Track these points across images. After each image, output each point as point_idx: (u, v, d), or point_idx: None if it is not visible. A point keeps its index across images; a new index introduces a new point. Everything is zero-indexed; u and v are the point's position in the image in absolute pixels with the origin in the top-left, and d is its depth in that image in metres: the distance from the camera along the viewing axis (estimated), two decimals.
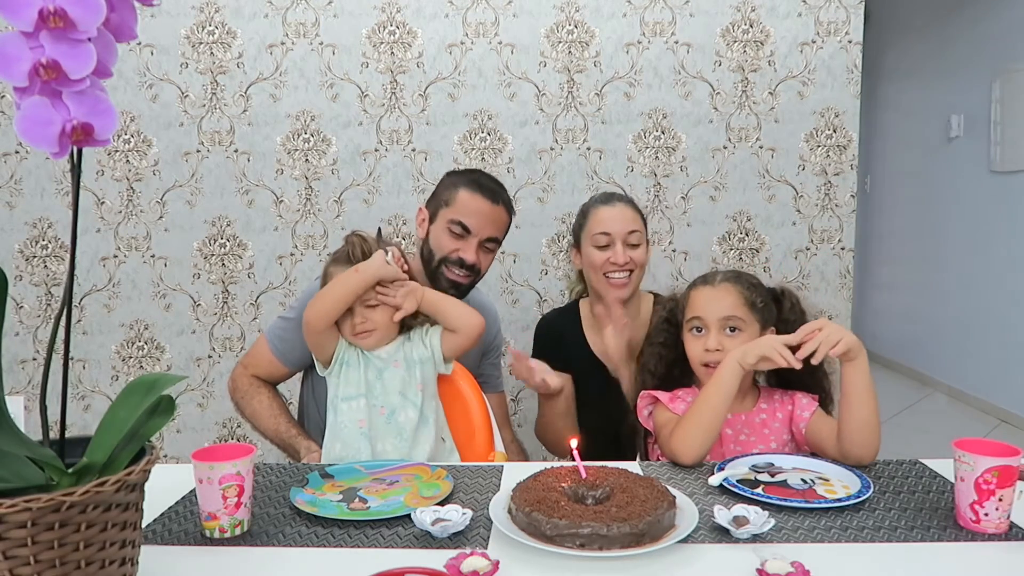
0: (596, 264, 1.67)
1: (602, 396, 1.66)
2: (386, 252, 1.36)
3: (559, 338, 1.73)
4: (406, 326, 1.43)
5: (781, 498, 1.03)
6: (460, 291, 1.62)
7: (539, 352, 1.78)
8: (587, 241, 1.69)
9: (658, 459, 1.35)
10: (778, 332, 1.33)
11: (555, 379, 1.58)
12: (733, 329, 1.30)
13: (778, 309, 1.38)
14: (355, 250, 1.41)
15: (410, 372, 1.39)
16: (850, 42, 2.31)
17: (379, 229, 1.47)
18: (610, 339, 1.66)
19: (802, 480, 1.12)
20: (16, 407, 0.88)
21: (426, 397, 1.39)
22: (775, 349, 1.18)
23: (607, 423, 1.63)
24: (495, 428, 1.53)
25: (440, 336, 1.41)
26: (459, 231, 1.58)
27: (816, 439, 1.26)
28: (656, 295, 1.82)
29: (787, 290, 1.41)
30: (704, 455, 1.21)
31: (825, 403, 1.33)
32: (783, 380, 1.38)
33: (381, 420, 1.36)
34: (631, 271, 1.66)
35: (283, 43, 2.31)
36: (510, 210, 1.66)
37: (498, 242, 1.66)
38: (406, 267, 1.41)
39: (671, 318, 1.42)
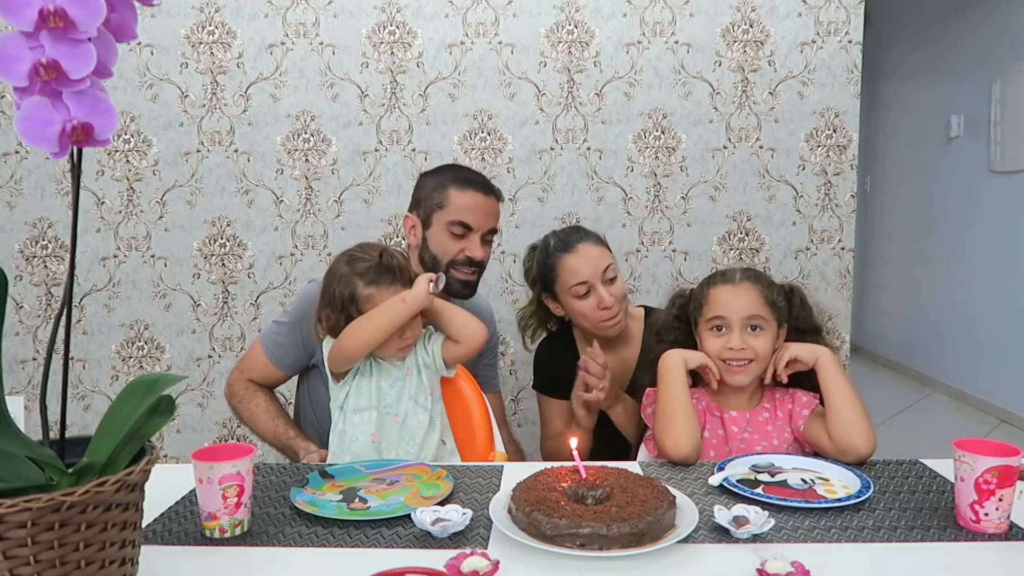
0: (586, 314, 1.61)
1: (603, 416, 1.65)
2: (430, 284, 1.32)
3: (558, 364, 1.68)
4: None
5: (781, 498, 1.03)
6: (472, 289, 1.62)
7: (542, 378, 1.76)
8: (565, 294, 1.63)
9: (658, 456, 1.35)
10: (788, 330, 1.36)
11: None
12: (755, 328, 1.31)
13: (788, 307, 1.38)
14: (394, 264, 1.35)
15: (420, 378, 1.39)
16: (850, 42, 2.31)
17: (385, 259, 1.42)
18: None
19: (802, 480, 1.12)
20: (16, 407, 0.88)
21: (434, 400, 1.39)
22: (710, 363, 1.31)
23: (608, 434, 1.63)
24: (495, 428, 1.53)
25: (441, 344, 1.40)
26: (460, 231, 1.58)
27: (814, 437, 1.27)
28: (648, 308, 1.79)
29: (796, 288, 1.41)
30: (695, 446, 1.22)
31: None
32: (790, 380, 1.38)
33: (394, 429, 1.35)
34: (620, 310, 1.62)
35: (283, 43, 2.31)
36: (500, 198, 1.66)
37: (495, 232, 1.66)
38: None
39: (681, 315, 1.42)
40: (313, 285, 1.54)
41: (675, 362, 1.29)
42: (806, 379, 1.36)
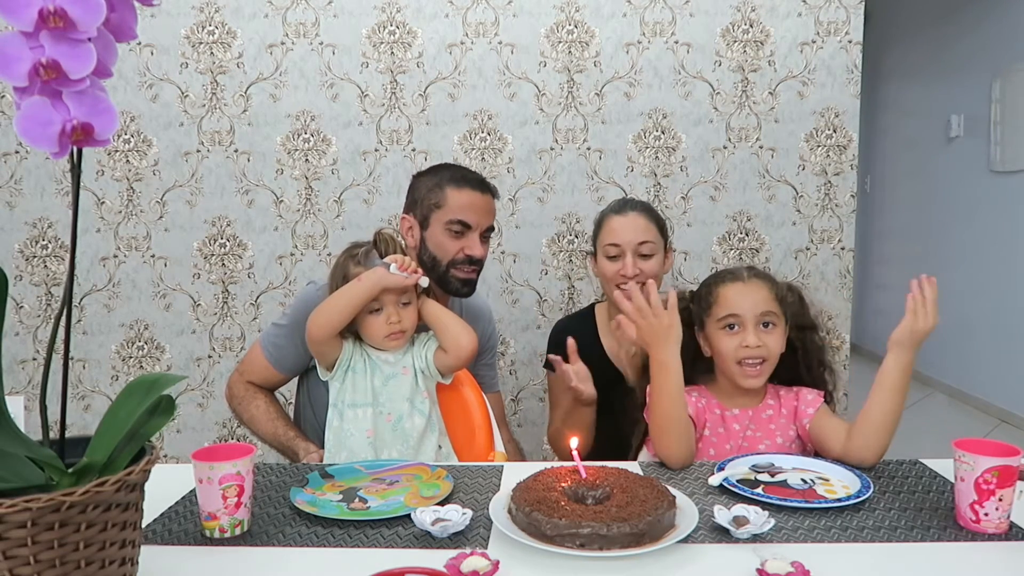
0: (607, 275, 1.66)
1: (621, 401, 1.65)
2: (387, 265, 1.32)
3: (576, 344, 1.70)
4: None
5: (781, 498, 1.03)
6: (471, 287, 1.63)
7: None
8: (600, 251, 1.69)
9: (654, 456, 1.35)
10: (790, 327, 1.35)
11: (590, 389, 1.58)
12: (768, 324, 1.30)
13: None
14: (388, 248, 1.38)
15: (416, 380, 1.38)
16: (850, 42, 2.30)
17: (374, 238, 1.43)
18: (620, 351, 1.64)
19: (802, 480, 1.12)
20: (16, 407, 0.88)
21: (431, 404, 1.39)
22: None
23: (627, 428, 1.63)
24: (495, 428, 1.53)
25: (434, 352, 1.40)
26: (459, 229, 1.58)
27: (819, 435, 1.26)
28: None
29: (794, 286, 1.41)
30: (687, 456, 1.21)
31: (828, 401, 1.34)
32: (786, 379, 1.38)
33: (387, 428, 1.35)
34: (642, 284, 1.63)
35: (283, 43, 2.31)
36: (496, 195, 1.67)
37: (493, 230, 1.67)
38: (418, 271, 1.35)
39: (683, 317, 1.41)
40: (312, 287, 1.54)
41: (677, 360, 1.23)
42: (807, 377, 1.36)
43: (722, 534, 0.94)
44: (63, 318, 0.71)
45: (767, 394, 1.36)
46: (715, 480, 1.10)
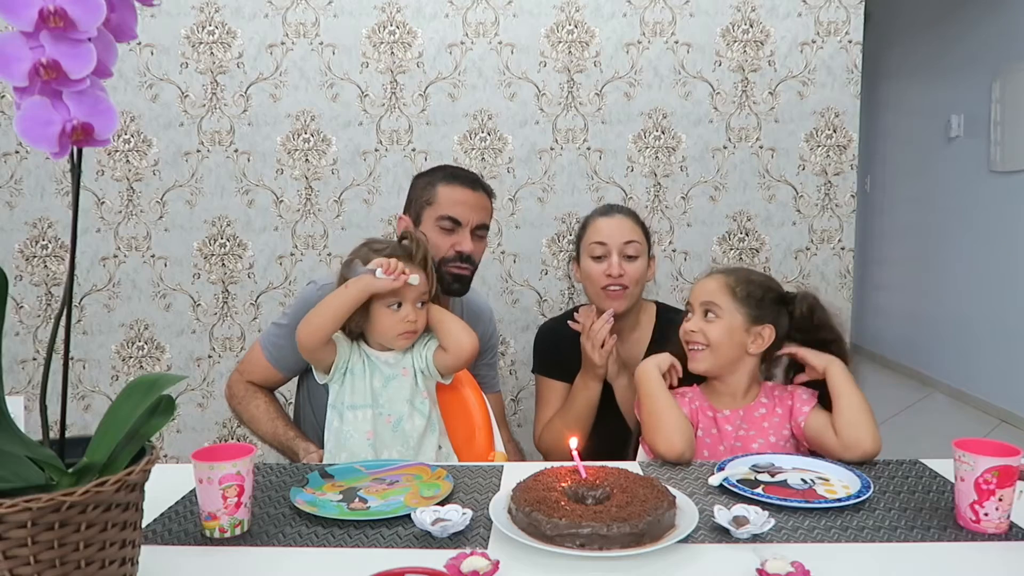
0: (593, 277, 1.65)
1: (605, 403, 1.66)
2: (378, 268, 1.30)
3: (558, 345, 1.72)
4: None
5: (781, 498, 1.03)
6: (463, 284, 1.62)
7: (539, 359, 1.77)
8: (584, 252, 1.67)
9: (654, 458, 1.35)
10: (792, 337, 1.36)
11: (602, 356, 1.58)
12: (708, 313, 1.34)
13: (789, 312, 1.37)
14: (410, 247, 1.37)
15: (416, 381, 1.38)
16: (850, 42, 2.31)
17: (401, 235, 1.42)
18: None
19: (802, 480, 1.12)
20: (16, 407, 0.88)
21: (431, 405, 1.39)
22: (675, 361, 1.37)
23: (607, 429, 1.63)
24: (495, 428, 1.53)
25: (434, 353, 1.40)
26: (449, 226, 1.58)
27: (815, 434, 1.27)
28: (659, 304, 1.80)
29: (806, 294, 1.37)
30: (688, 442, 1.23)
31: (824, 400, 1.34)
32: (788, 376, 1.39)
33: (387, 429, 1.35)
34: (627, 286, 1.63)
35: (283, 43, 2.31)
36: (490, 194, 1.66)
37: (486, 228, 1.66)
38: (405, 271, 1.32)
39: (672, 333, 1.44)
40: (312, 287, 1.54)
41: (649, 369, 1.33)
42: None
43: (722, 534, 0.94)
44: (63, 318, 0.71)
45: (760, 393, 1.36)
46: (715, 480, 1.10)
